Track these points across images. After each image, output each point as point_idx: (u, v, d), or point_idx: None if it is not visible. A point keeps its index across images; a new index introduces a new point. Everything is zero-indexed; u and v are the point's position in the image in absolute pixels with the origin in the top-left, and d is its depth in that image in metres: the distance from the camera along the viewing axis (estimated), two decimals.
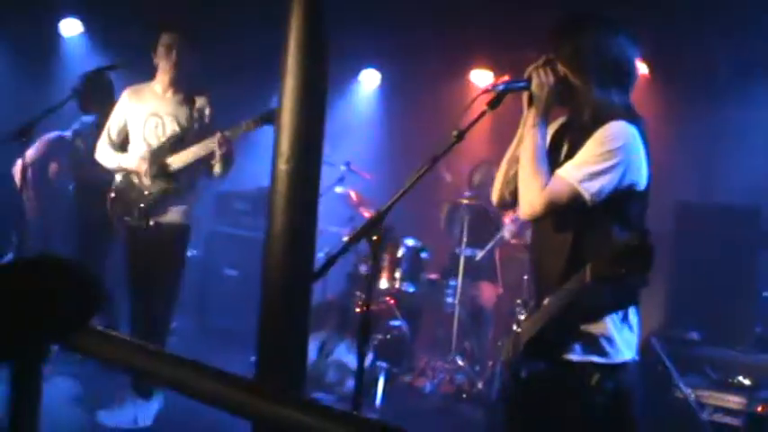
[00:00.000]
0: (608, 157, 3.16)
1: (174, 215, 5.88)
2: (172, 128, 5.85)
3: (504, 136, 9.87)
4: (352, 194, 8.15)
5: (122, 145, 6.00)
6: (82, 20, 9.59)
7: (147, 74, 5.91)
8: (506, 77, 3.63)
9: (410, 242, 7.79)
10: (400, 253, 7.65)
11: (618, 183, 3.20)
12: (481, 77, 9.59)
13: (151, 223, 5.84)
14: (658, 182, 8.37)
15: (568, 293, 3.21)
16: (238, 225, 9.50)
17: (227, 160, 5.79)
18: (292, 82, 2.22)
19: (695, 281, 7.00)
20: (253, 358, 3.06)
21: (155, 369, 1.79)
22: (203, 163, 5.82)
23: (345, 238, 7.41)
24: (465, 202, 7.75)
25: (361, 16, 8.31)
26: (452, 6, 8.40)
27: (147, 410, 5.81)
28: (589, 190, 3.17)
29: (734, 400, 5.71)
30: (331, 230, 8.09)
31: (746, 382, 5.90)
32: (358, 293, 7.41)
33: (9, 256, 6.74)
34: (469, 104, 3.43)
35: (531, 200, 3.27)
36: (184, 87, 5.93)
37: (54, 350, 1.86)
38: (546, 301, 3.34)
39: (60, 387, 6.02)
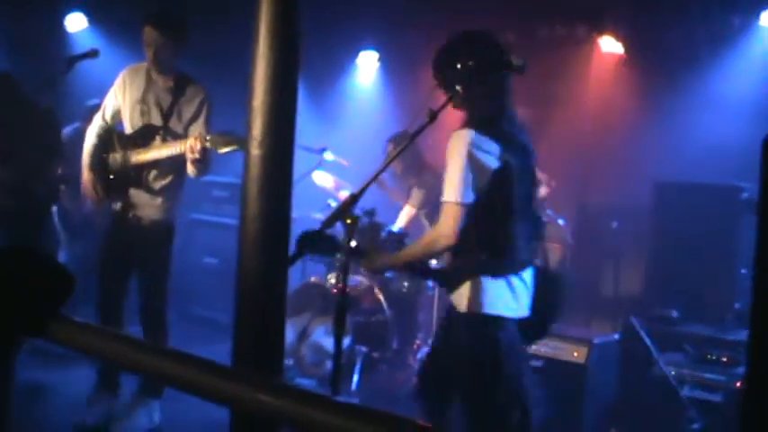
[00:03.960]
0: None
1: (150, 210, 5.77)
2: (155, 119, 5.68)
3: None
4: (330, 179, 8.14)
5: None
6: (86, 14, 9.50)
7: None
8: None
9: (394, 227, 7.79)
10: (381, 237, 7.65)
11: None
12: None
13: (131, 215, 5.77)
14: (637, 160, 8.38)
15: None
16: (217, 213, 9.49)
17: (201, 167, 5.54)
18: (263, 67, 2.21)
19: (674, 259, 7.03)
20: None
21: (129, 357, 1.78)
22: (179, 163, 5.66)
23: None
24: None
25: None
26: None
27: (158, 409, 5.81)
28: (466, 199, 3.79)
29: (714, 377, 5.75)
30: (314, 217, 8.07)
31: (726, 358, 5.93)
32: (336, 276, 7.41)
33: None
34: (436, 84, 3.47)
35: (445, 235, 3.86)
36: (175, 78, 5.74)
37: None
38: None
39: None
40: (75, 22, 9.51)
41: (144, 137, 5.66)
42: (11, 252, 1.78)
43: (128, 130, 5.76)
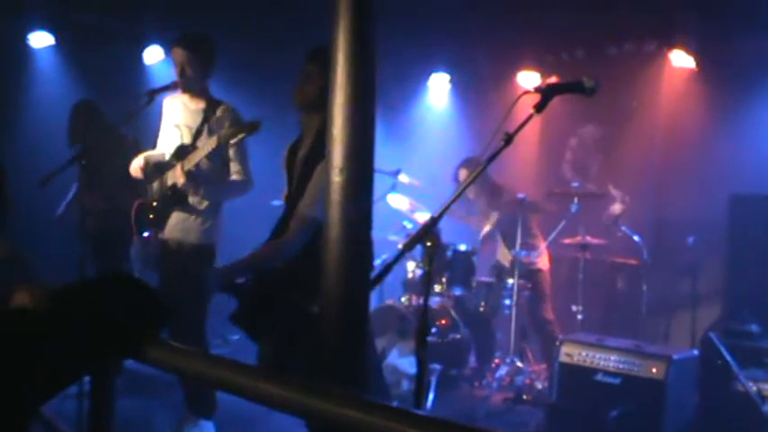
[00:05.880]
0: None
1: (191, 234, 5.76)
2: (186, 141, 5.77)
3: (552, 137, 9.87)
4: (406, 202, 8.21)
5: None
6: (163, 46, 9.69)
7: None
8: (553, 79, 3.69)
9: (462, 246, 7.83)
10: (447, 257, 7.71)
11: None
12: (528, 79, 9.55)
13: (173, 242, 5.75)
14: (712, 174, 8.28)
15: None
16: None
17: (200, 190, 5.64)
18: (342, 96, 2.29)
19: (752, 273, 6.96)
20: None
21: (224, 378, 1.86)
22: (215, 177, 5.73)
23: (400, 245, 7.44)
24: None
25: (415, 22, 8.36)
26: (499, 8, 8.42)
27: (212, 429, 5.86)
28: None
29: None
30: (390, 239, 8.16)
31: None
32: (412, 298, 7.51)
33: None
34: (512, 106, 3.51)
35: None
36: (207, 100, 5.82)
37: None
38: None
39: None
40: (153, 55, 9.75)
41: (178, 159, 5.74)
42: (111, 278, 1.88)
43: (166, 155, 5.89)
